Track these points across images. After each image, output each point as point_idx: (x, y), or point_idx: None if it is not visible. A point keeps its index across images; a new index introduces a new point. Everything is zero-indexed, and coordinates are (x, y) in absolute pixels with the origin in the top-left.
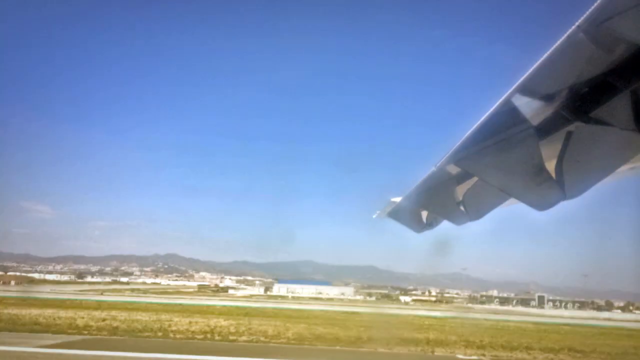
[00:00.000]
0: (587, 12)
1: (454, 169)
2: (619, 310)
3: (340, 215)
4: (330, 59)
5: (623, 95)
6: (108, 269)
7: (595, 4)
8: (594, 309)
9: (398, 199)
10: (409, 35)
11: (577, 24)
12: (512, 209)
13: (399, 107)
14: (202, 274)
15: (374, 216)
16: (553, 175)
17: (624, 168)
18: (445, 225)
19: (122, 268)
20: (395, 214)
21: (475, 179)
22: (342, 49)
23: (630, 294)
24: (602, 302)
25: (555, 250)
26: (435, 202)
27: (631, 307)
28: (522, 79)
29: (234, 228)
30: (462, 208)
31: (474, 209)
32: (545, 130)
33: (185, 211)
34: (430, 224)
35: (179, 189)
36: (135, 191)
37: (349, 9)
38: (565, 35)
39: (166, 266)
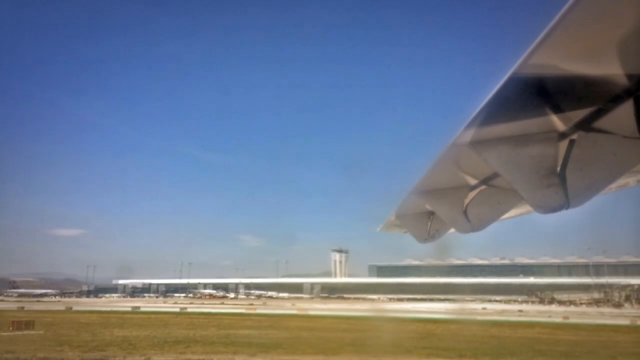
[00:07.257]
0: None
1: (462, 173)
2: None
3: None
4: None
5: (626, 103)
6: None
7: None
8: None
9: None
10: (412, 39)
11: None
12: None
13: (399, 113)
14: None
15: (377, 229)
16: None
17: (627, 175)
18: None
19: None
20: (399, 225)
21: (479, 189)
22: (344, 51)
23: None
24: None
25: None
26: (441, 208)
27: None
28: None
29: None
30: (465, 218)
31: (477, 219)
32: (547, 138)
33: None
34: (433, 236)
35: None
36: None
37: (354, 9)
38: None
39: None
